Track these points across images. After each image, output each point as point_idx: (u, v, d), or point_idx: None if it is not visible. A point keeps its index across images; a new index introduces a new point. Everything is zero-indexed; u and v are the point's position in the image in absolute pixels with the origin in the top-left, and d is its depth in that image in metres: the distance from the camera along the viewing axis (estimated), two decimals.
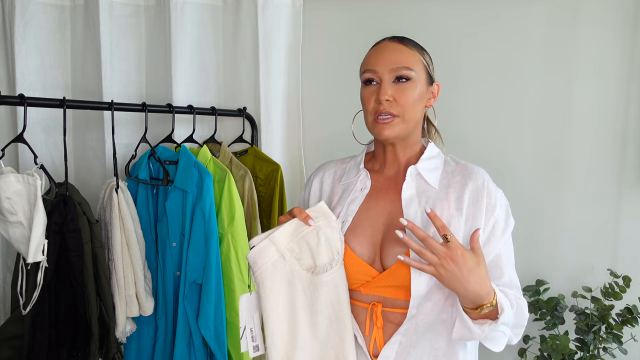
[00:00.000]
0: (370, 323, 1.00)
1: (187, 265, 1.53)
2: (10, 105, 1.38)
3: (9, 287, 1.71)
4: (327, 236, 0.98)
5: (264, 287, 0.98)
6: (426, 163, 1.06)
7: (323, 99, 1.99)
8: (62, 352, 1.43)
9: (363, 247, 1.01)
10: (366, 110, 1.05)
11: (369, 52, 1.07)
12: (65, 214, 1.36)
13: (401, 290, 0.97)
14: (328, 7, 1.96)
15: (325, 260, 0.97)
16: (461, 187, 1.02)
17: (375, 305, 0.99)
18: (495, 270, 1.01)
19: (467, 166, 1.06)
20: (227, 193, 1.57)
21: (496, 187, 1.04)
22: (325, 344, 0.98)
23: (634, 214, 1.70)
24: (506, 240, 1.03)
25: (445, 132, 1.85)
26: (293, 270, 0.99)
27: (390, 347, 0.98)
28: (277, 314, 0.98)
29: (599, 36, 1.70)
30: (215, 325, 1.52)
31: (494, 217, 1.01)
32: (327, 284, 0.97)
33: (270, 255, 0.98)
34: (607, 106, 1.71)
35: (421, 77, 1.03)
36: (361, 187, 1.08)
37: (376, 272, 0.99)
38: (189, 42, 1.88)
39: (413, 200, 1.02)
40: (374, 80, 1.03)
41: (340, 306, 0.98)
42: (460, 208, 1.00)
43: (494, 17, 1.79)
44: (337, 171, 1.16)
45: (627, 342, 1.63)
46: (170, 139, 1.71)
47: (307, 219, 0.98)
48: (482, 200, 1.00)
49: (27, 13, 1.77)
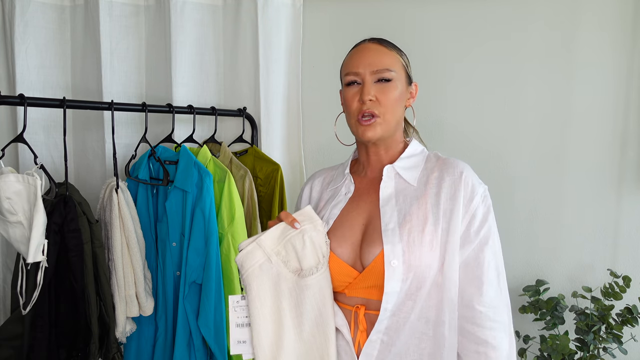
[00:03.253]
0: (354, 326, 1.00)
1: (187, 265, 1.53)
2: (10, 105, 1.38)
3: (9, 287, 1.71)
4: (312, 239, 1.00)
5: (251, 289, 1.01)
6: (405, 162, 1.06)
7: (323, 99, 1.99)
8: (62, 352, 1.43)
9: (343, 248, 1.02)
10: (349, 111, 1.05)
11: (350, 54, 1.08)
12: (65, 214, 1.36)
13: (379, 290, 0.97)
14: (328, 7, 1.96)
15: (312, 263, 1.00)
16: (439, 182, 1.01)
17: (359, 307, 1.00)
18: (472, 283, 0.96)
19: (447, 161, 1.05)
20: (227, 193, 1.58)
21: (479, 181, 1.02)
22: (311, 345, 1.00)
23: (634, 214, 1.70)
24: (488, 240, 0.97)
25: (446, 132, 1.86)
26: (279, 272, 1.01)
27: (372, 345, 0.98)
28: (264, 315, 1.00)
29: (599, 36, 1.70)
30: (215, 325, 1.52)
31: (471, 210, 0.98)
32: (312, 286, 0.99)
33: (257, 258, 1.01)
34: (607, 106, 1.71)
35: (401, 78, 1.05)
36: (345, 192, 1.10)
37: (357, 272, 0.99)
38: (189, 42, 1.88)
39: (391, 199, 1.02)
40: (357, 81, 1.04)
41: (325, 308, 1.00)
42: (438, 204, 0.99)
43: (494, 17, 1.79)
44: (325, 178, 1.18)
45: (627, 342, 1.63)
46: (170, 139, 1.71)
47: (294, 222, 1.01)
48: (459, 194, 0.99)
49: (27, 13, 1.77)
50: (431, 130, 1.85)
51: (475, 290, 0.96)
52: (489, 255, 0.97)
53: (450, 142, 1.84)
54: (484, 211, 0.99)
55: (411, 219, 0.98)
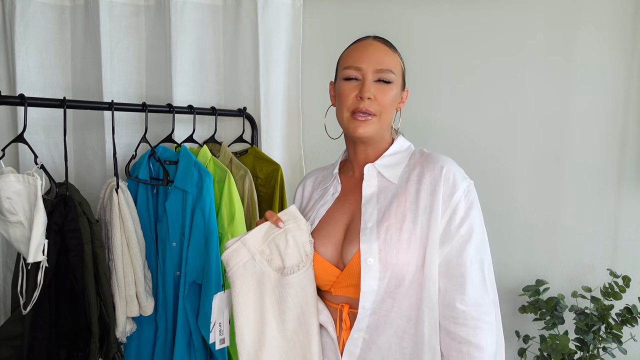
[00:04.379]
0: (340, 324, 1.01)
1: (187, 265, 1.54)
2: (11, 105, 1.38)
3: (9, 287, 1.71)
4: (295, 238, 1.02)
5: (234, 286, 1.03)
6: (387, 159, 1.06)
7: (323, 99, 1.99)
8: (62, 352, 1.43)
9: (326, 247, 1.02)
10: (343, 104, 1.03)
11: (352, 47, 1.07)
12: (66, 214, 1.36)
13: (359, 288, 0.96)
14: (328, 7, 1.96)
15: (294, 262, 1.01)
16: (419, 178, 1.00)
17: (343, 306, 1.00)
18: (454, 281, 0.93)
19: (429, 156, 1.03)
20: (227, 193, 1.58)
21: (463, 176, 0.99)
22: (294, 343, 1.02)
23: (633, 214, 1.70)
24: (471, 236, 0.94)
25: (445, 132, 1.86)
26: (263, 271, 1.03)
27: (354, 343, 0.99)
28: (247, 312, 1.02)
29: (599, 36, 1.70)
30: None
31: (452, 206, 0.95)
32: (294, 284, 1.01)
33: (241, 256, 1.03)
34: (607, 106, 1.71)
35: (398, 81, 1.05)
36: (333, 192, 1.10)
37: (339, 271, 1.00)
38: (189, 42, 1.88)
39: (372, 198, 1.02)
40: (357, 77, 1.03)
41: (307, 307, 1.01)
42: (417, 200, 0.97)
43: (494, 17, 1.79)
44: (317, 178, 1.19)
45: (627, 342, 1.63)
46: (170, 139, 1.71)
47: (278, 222, 1.03)
48: (439, 190, 0.96)
49: (28, 13, 1.77)
50: (430, 130, 1.85)
51: (458, 288, 0.93)
52: (471, 253, 0.94)
53: (449, 142, 1.84)
54: (466, 207, 0.96)
55: (389, 217, 0.97)
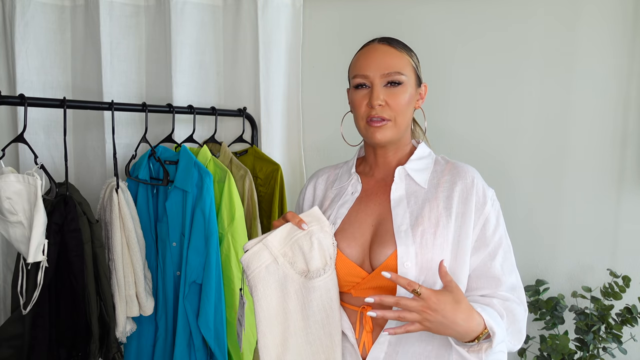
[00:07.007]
0: (360, 326, 1.00)
1: (187, 265, 1.54)
2: (11, 105, 1.38)
3: (9, 287, 1.71)
4: (320, 241, 0.99)
5: (257, 290, 0.99)
6: (415, 163, 1.06)
7: (323, 99, 1.99)
8: (62, 351, 1.43)
9: (352, 248, 1.01)
10: (358, 114, 1.04)
11: (358, 55, 1.06)
12: (66, 214, 1.36)
13: (389, 291, 0.96)
14: (328, 7, 1.96)
15: (319, 265, 0.98)
16: (450, 185, 1.02)
17: (365, 308, 0.98)
18: (491, 282, 0.99)
19: (456, 165, 1.06)
20: (227, 193, 1.58)
21: (487, 186, 1.03)
22: (317, 348, 1.00)
23: (633, 214, 1.70)
24: (502, 242, 1.01)
25: (446, 133, 1.86)
26: (286, 274, 1.00)
27: (379, 347, 0.98)
28: (269, 316, 0.99)
29: (599, 36, 1.70)
30: (215, 325, 1.52)
31: (484, 215, 1.00)
32: (319, 288, 0.98)
33: (263, 259, 0.99)
34: (607, 106, 1.71)
35: (411, 80, 1.03)
36: (352, 191, 1.08)
37: (365, 273, 0.99)
38: (189, 42, 1.88)
39: (402, 200, 1.02)
40: (365, 84, 1.02)
41: (332, 310, 0.99)
42: (450, 207, 0.99)
43: (494, 17, 1.79)
44: (330, 176, 1.16)
45: (627, 342, 1.63)
46: (170, 139, 1.71)
47: (301, 223, 0.99)
48: (472, 198, 1.00)
49: (28, 13, 1.77)
50: (430, 130, 1.85)
51: (495, 288, 0.99)
52: (504, 256, 1.00)
53: (449, 141, 1.84)
54: (495, 215, 1.01)
55: (423, 221, 0.98)
